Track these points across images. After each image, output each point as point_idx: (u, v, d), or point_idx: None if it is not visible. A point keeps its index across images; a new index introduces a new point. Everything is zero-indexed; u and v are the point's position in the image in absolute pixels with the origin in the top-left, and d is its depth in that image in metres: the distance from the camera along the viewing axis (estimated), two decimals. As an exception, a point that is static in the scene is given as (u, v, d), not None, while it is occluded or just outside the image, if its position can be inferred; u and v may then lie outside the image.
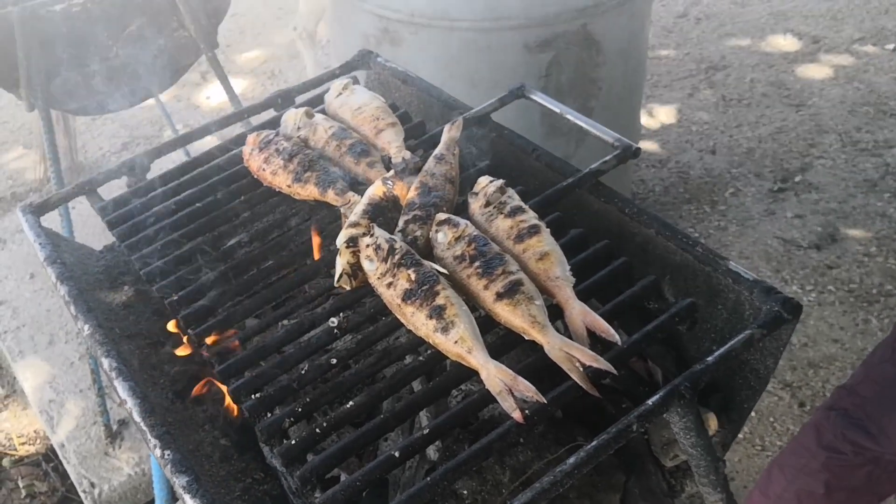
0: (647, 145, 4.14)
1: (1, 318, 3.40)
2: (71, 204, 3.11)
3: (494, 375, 1.19)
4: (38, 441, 3.09)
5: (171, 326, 1.50)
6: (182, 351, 1.47)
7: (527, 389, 1.17)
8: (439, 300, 1.26)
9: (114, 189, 1.80)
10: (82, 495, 2.79)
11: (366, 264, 1.35)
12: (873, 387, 1.84)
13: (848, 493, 1.94)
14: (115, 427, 2.90)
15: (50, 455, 3.01)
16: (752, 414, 2.94)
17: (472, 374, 1.24)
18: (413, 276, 1.29)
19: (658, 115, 4.36)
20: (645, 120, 4.23)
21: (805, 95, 4.38)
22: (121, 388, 1.33)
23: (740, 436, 2.87)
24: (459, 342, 1.22)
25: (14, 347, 3.26)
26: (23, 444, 3.09)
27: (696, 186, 3.89)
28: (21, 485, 2.92)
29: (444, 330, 1.23)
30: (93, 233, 3.47)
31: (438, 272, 1.30)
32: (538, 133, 2.72)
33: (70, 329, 3.30)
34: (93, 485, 2.77)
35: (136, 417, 1.28)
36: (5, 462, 3.01)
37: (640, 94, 3.29)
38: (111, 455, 2.84)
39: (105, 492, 2.75)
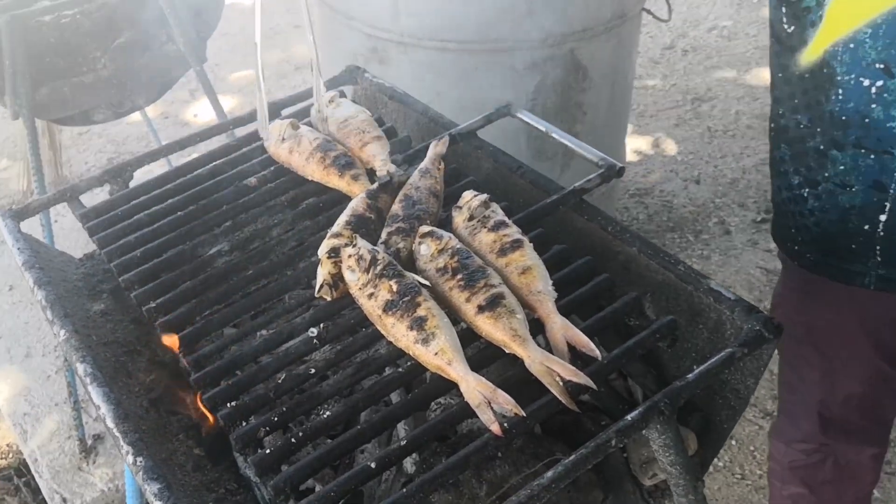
0: (631, 174, 4.16)
1: (-23, 329, 3.37)
2: (54, 218, 3.11)
3: (474, 388, 1.18)
4: (11, 455, 3.04)
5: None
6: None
7: (506, 402, 1.16)
8: (420, 311, 1.25)
9: (97, 198, 1.79)
10: (53, 511, 2.75)
11: (347, 275, 1.34)
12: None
13: (830, 486, 2.00)
14: (89, 442, 2.86)
15: (22, 469, 2.97)
16: (733, 443, 2.94)
17: (451, 388, 1.23)
18: (394, 287, 1.28)
19: (644, 145, 4.39)
20: (630, 149, 4.25)
21: (789, 128, 4.42)
22: (95, 394, 1.31)
23: (720, 464, 2.87)
24: (439, 354, 1.21)
25: (-11, 359, 3.22)
26: (-5, 457, 3.05)
27: (680, 216, 3.91)
28: (-9, 499, 2.88)
29: (425, 341, 1.22)
30: (75, 245, 3.45)
31: (420, 284, 1.30)
32: (525, 156, 2.72)
33: (48, 342, 3.26)
34: (64, 500, 2.73)
35: (110, 423, 1.26)
36: (-24, 476, 2.97)
37: (625, 120, 3.31)
38: (84, 470, 2.81)
39: (77, 507, 2.71)
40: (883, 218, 1.49)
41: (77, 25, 2.55)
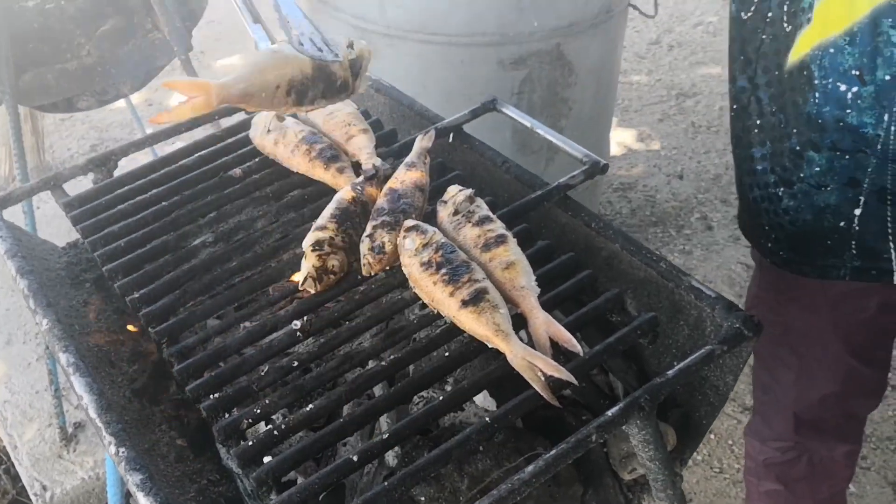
0: (615, 169, 4.17)
1: (-43, 316, 3.33)
2: (36, 205, 3.09)
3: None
4: (-10, 443, 3.03)
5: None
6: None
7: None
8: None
9: (80, 187, 1.78)
10: (33, 498, 2.73)
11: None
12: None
13: (805, 483, 2.03)
14: (70, 430, 2.84)
15: (2, 457, 2.95)
16: (712, 437, 2.96)
17: (434, 381, 1.24)
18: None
19: (628, 139, 4.41)
20: (615, 143, 4.27)
21: (772, 125, 4.45)
22: (77, 384, 1.31)
23: (699, 458, 2.90)
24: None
25: (-30, 346, 3.20)
26: (-26, 445, 3.03)
27: (663, 210, 3.93)
28: (-30, 487, 2.86)
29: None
30: (57, 233, 3.42)
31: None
32: (510, 149, 2.73)
33: (29, 329, 3.24)
34: (44, 487, 2.71)
35: (92, 414, 1.26)
36: (-45, 463, 2.95)
37: (610, 116, 3.33)
38: (65, 458, 2.79)
39: (57, 495, 2.70)
40: (857, 212, 1.51)
41: (61, 11, 2.53)
